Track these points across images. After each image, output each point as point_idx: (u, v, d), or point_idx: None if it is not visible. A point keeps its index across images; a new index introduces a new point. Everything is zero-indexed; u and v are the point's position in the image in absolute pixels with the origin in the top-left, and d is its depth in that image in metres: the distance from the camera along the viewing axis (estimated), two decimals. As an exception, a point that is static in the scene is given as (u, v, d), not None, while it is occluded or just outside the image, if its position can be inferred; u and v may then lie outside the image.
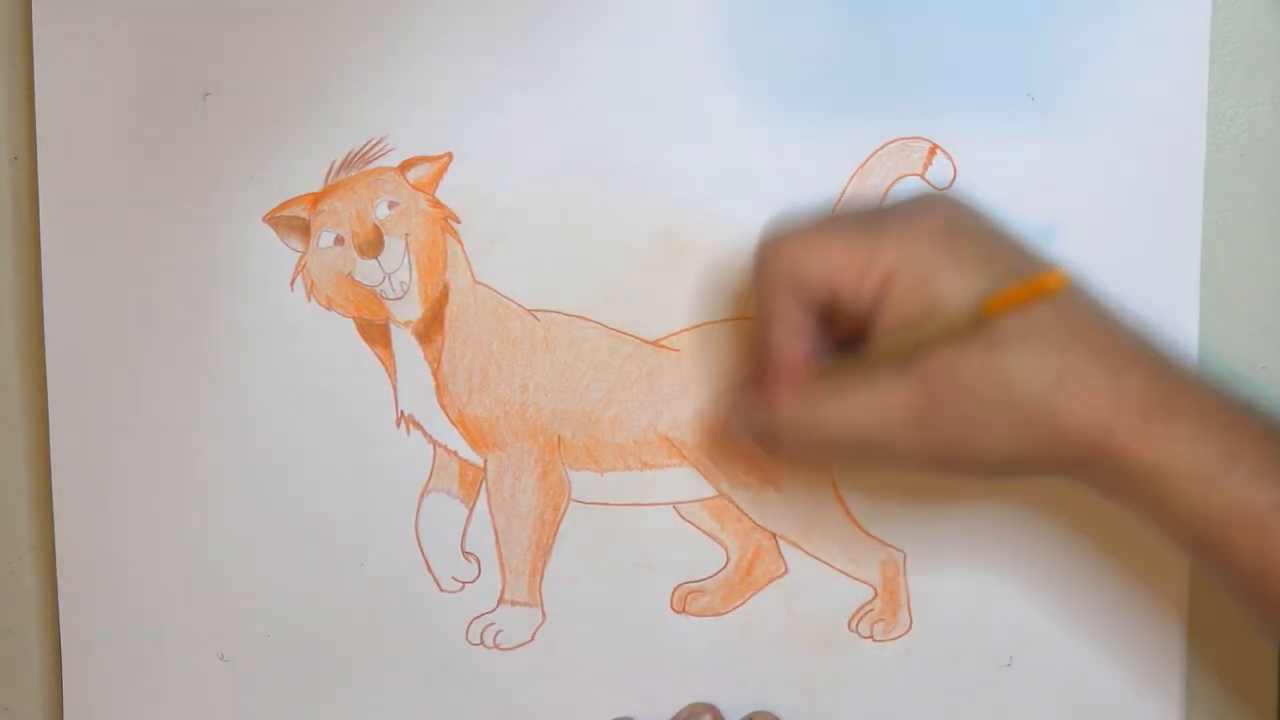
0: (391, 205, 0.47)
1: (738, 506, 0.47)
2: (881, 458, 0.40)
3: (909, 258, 0.38)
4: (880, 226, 0.39)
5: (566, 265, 0.47)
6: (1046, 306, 0.38)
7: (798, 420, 0.40)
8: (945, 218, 0.39)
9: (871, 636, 0.48)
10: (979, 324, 0.37)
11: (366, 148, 0.47)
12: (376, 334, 0.47)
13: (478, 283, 0.47)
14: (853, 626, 0.48)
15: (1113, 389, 0.38)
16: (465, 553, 0.48)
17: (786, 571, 0.48)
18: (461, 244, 0.47)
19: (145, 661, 0.49)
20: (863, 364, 0.39)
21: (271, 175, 0.47)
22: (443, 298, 0.47)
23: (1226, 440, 0.38)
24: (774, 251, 0.40)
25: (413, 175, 0.47)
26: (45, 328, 0.48)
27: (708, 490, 0.47)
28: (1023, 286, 0.36)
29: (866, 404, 0.39)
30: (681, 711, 0.47)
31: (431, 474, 0.48)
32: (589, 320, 0.47)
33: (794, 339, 0.40)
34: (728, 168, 0.46)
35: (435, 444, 0.47)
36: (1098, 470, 0.38)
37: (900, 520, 0.47)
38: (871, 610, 0.48)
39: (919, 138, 0.46)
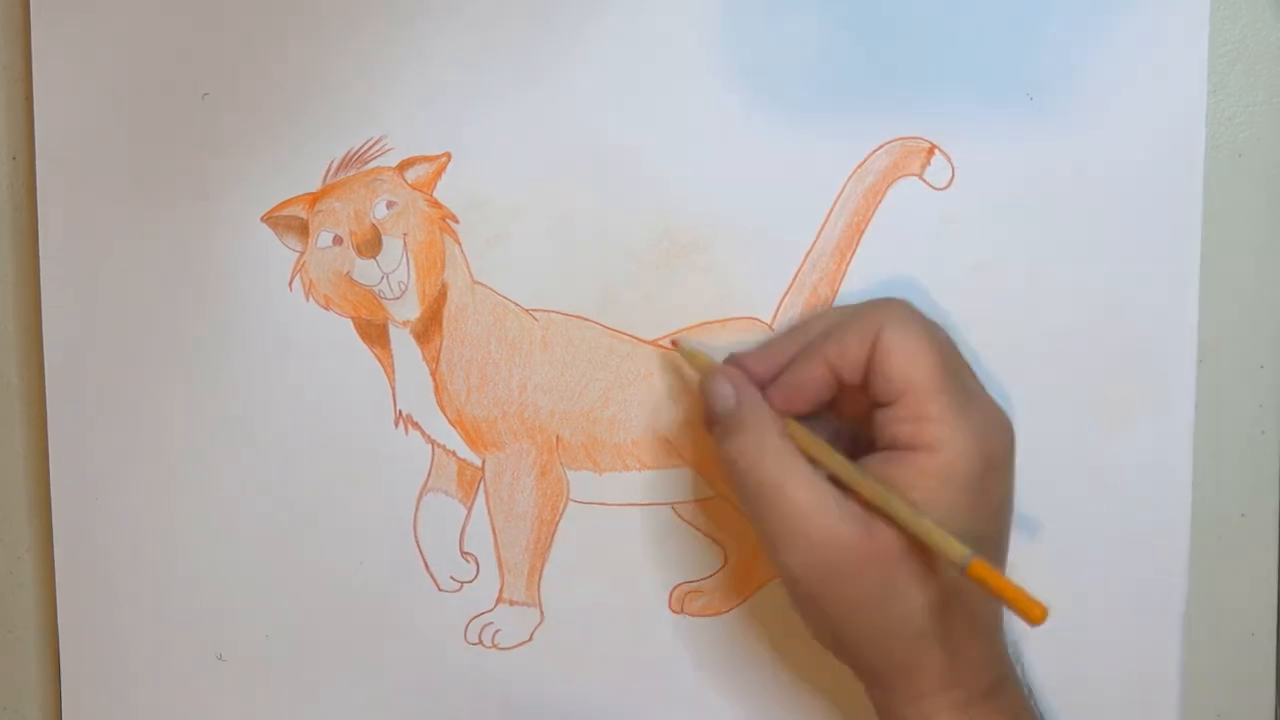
0: (390, 205, 0.47)
1: (735, 507, 0.47)
2: (767, 539, 0.40)
3: (959, 455, 0.39)
4: (965, 401, 0.40)
5: (565, 265, 0.47)
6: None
7: (767, 435, 0.40)
8: (1001, 450, 0.40)
9: (870, 636, 0.48)
10: (959, 569, 0.37)
11: (365, 148, 0.47)
12: (375, 334, 0.47)
13: (476, 283, 0.47)
14: (851, 626, 0.48)
15: (975, 671, 0.40)
16: (464, 552, 0.48)
17: (785, 571, 0.48)
18: (460, 244, 0.47)
19: (145, 661, 0.49)
20: (842, 463, 0.40)
21: (270, 175, 0.47)
22: (441, 298, 0.47)
23: None
24: (895, 315, 0.40)
25: (411, 175, 0.47)
26: (44, 327, 0.48)
27: (705, 490, 0.47)
28: (1013, 592, 0.37)
29: (823, 497, 0.39)
30: None
31: (430, 474, 0.48)
32: (587, 320, 0.47)
33: (817, 372, 0.41)
34: (727, 168, 0.46)
35: (434, 444, 0.47)
36: (889, 706, 0.40)
37: (899, 520, 0.47)
38: (870, 610, 0.47)
39: (918, 138, 0.46)
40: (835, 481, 0.40)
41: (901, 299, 0.42)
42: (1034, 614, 0.36)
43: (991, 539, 0.40)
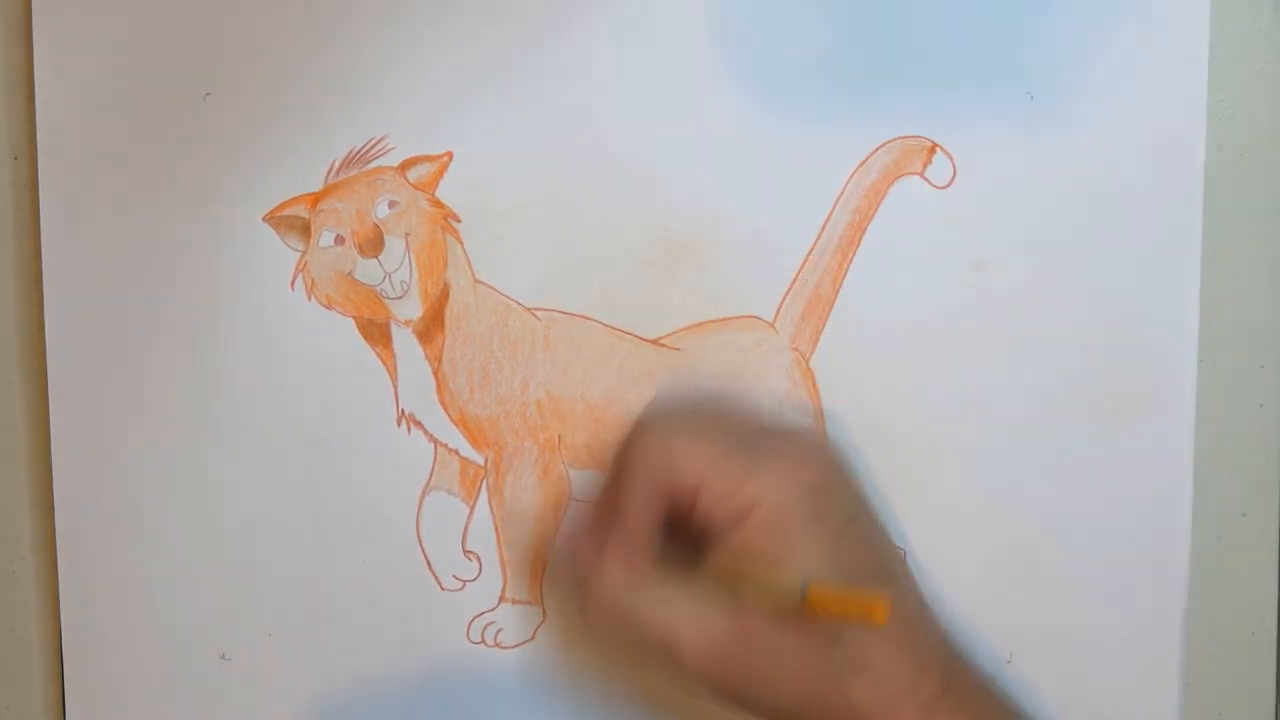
0: (392, 205, 0.47)
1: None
2: (673, 668, 0.40)
3: (776, 500, 0.39)
4: (761, 453, 0.40)
5: (567, 264, 0.47)
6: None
7: (618, 591, 0.40)
8: (822, 472, 0.40)
9: (872, 635, 0.48)
10: (798, 611, 0.38)
11: (367, 147, 0.47)
12: (377, 333, 0.47)
13: (478, 282, 0.47)
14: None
15: (913, 684, 0.39)
16: (466, 551, 0.48)
17: (787, 570, 0.48)
18: (462, 243, 0.47)
19: (145, 661, 0.49)
20: (692, 572, 0.40)
21: (271, 175, 0.47)
22: (443, 297, 0.47)
23: None
24: (653, 439, 0.41)
25: (413, 174, 0.47)
26: (46, 328, 0.48)
27: (708, 489, 0.47)
28: (848, 602, 0.37)
29: (684, 612, 0.40)
30: None
31: (432, 473, 0.48)
32: (589, 319, 0.47)
33: (645, 518, 0.41)
34: (728, 167, 0.46)
35: (436, 443, 0.48)
36: None
37: (900, 519, 0.47)
38: (872, 609, 0.47)
39: (919, 137, 0.46)
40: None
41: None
42: (876, 614, 0.36)
43: (850, 562, 0.40)
